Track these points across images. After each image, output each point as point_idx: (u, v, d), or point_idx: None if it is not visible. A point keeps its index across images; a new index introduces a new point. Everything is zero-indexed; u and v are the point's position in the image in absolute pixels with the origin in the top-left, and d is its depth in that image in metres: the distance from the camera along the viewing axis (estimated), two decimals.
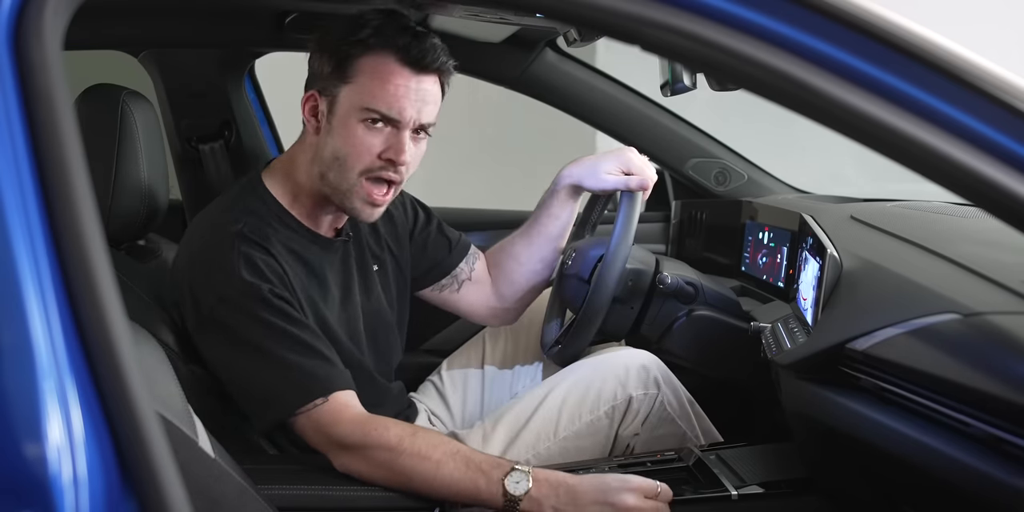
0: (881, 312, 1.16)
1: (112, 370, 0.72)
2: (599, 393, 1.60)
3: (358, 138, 1.42)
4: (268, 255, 1.42)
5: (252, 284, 1.39)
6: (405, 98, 1.41)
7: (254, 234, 1.43)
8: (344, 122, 1.43)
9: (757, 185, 2.29)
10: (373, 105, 1.41)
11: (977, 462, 0.94)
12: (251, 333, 1.39)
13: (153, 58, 2.13)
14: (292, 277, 1.45)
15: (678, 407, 1.63)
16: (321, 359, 1.41)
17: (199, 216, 1.53)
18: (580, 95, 2.22)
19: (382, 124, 1.42)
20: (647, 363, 1.63)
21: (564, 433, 1.60)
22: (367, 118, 1.41)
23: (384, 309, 1.68)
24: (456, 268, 1.80)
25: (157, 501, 0.72)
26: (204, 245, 1.46)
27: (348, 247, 1.60)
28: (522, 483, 1.31)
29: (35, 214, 0.72)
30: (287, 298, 1.42)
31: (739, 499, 1.42)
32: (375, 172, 1.44)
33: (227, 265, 1.40)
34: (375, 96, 1.41)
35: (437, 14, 1.87)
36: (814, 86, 0.79)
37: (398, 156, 1.42)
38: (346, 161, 1.44)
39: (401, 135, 1.43)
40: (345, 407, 1.38)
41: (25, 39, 0.74)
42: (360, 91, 1.41)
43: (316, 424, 1.38)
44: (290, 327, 1.39)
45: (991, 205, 0.83)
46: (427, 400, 1.87)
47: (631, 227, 1.61)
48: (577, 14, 0.82)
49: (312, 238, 1.53)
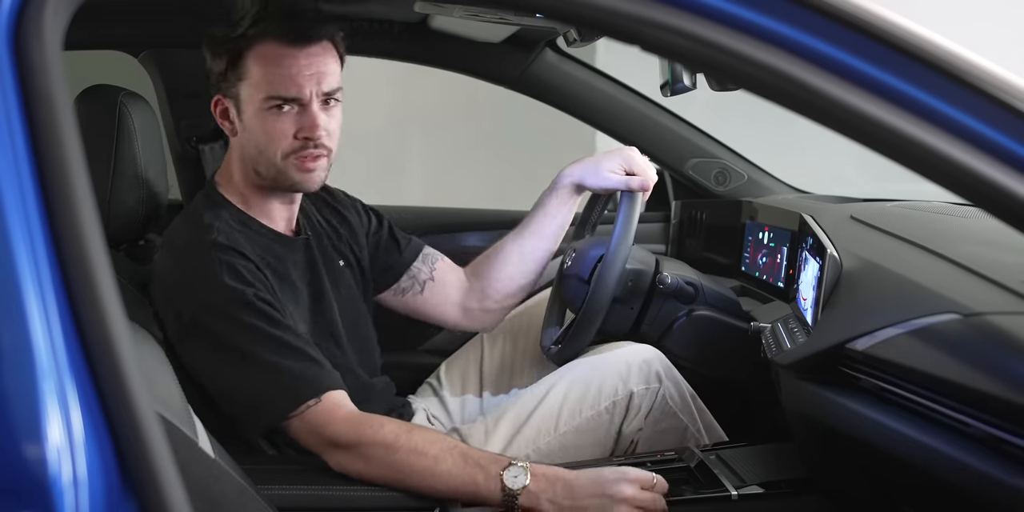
0: (881, 312, 1.16)
1: (112, 370, 0.72)
2: (599, 389, 1.60)
3: (270, 127, 1.44)
4: (247, 260, 1.43)
5: (236, 289, 1.39)
6: (299, 76, 1.42)
7: (229, 241, 1.43)
8: (253, 116, 1.45)
9: (757, 185, 2.29)
10: (272, 92, 1.43)
11: (977, 462, 0.94)
12: (236, 339, 1.38)
13: (153, 58, 2.13)
14: (271, 279, 1.46)
15: (680, 401, 1.63)
16: (309, 361, 1.40)
17: (169, 231, 1.53)
18: (580, 95, 2.22)
19: (288, 106, 1.44)
20: (649, 357, 1.63)
21: (564, 428, 1.60)
22: (271, 106, 1.43)
23: (358, 301, 1.69)
24: (411, 268, 1.79)
25: (157, 501, 0.72)
26: (182, 257, 1.46)
27: (310, 244, 1.61)
28: (520, 477, 1.31)
29: (35, 214, 0.72)
30: (270, 301, 1.42)
31: (739, 499, 1.42)
32: (298, 152, 1.46)
33: (208, 273, 1.40)
34: (271, 83, 1.42)
35: (437, 14, 1.87)
36: (814, 86, 0.79)
37: (312, 132, 1.44)
38: (267, 150, 1.46)
39: (309, 111, 1.44)
40: (337, 406, 1.38)
41: (25, 39, 0.74)
42: (256, 83, 1.43)
43: (309, 426, 1.38)
44: (275, 330, 1.39)
45: (991, 205, 0.83)
46: (426, 402, 1.86)
47: (631, 227, 1.61)
48: (577, 14, 0.82)
49: (274, 237, 1.54)
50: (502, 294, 1.81)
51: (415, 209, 2.39)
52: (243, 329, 1.38)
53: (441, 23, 1.97)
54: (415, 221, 2.13)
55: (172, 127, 2.16)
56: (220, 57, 1.46)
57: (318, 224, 1.67)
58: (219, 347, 1.39)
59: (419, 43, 2.09)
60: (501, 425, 1.62)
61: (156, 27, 1.95)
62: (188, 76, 2.15)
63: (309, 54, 1.44)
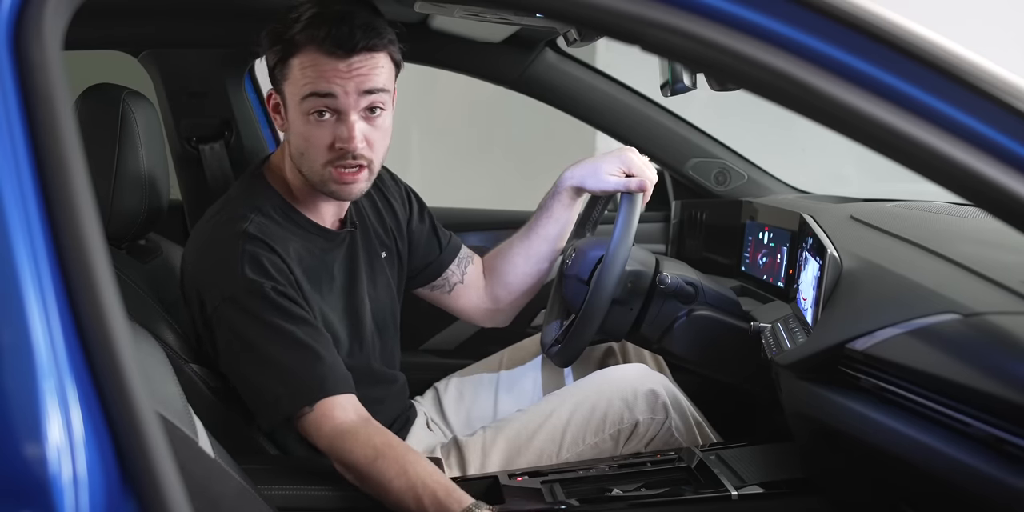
0: (881, 312, 1.16)
1: (112, 370, 0.72)
2: (605, 415, 1.61)
3: (309, 133, 1.43)
4: (273, 253, 1.43)
5: (254, 281, 1.39)
6: (334, 82, 1.39)
7: (260, 232, 1.43)
8: (296, 119, 1.44)
9: (757, 185, 2.29)
10: (306, 91, 1.40)
11: (977, 462, 0.94)
12: (250, 332, 1.39)
13: (153, 58, 2.13)
14: (298, 274, 1.46)
15: (685, 432, 1.64)
16: (316, 360, 1.40)
17: (207, 215, 1.53)
18: (580, 95, 2.22)
19: (328, 115, 1.41)
20: (656, 388, 1.63)
21: (567, 455, 1.61)
22: (310, 111, 1.41)
23: (392, 297, 1.68)
24: (447, 270, 1.80)
25: (157, 501, 0.72)
26: (210, 244, 1.46)
27: (354, 237, 1.60)
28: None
29: (35, 214, 0.72)
30: (291, 295, 1.42)
31: (739, 499, 1.43)
32: (335, 163, 1.44)
33: (232, 263, 1.40)
34: (307, 84, 1.40)
35: (437, 14, 1.87)
36: (814, 86, 0.79)
37: (348, 144, 1.41)
38: (308, 154, 1.45)
39: (347, 121, 1.41)
40: (324, 418, 1.38)
41: (25, 39, 0.74)
42: (296, 84, 1.41)
43: (303, 431, 1.40)
44: (288, 325, 1.39)
45: (991, 205, 0.83)
46: (429, 407, 1.86)
47: (631, 229, 1.61)
48: (577, 14, 0.82)
49: (317, 231, 1.53)
50: (511, 295, 1.83)
51: None
52: (258, 323, 1.39)
53: (441, 23, 1.96)
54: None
55: (172, 127, 2.16)
56: (271, 54, 1.44)
57: (365, 213, 1.65)
58: (237, 339, 1.40)
59: (419, 43, 2.09)
60: (500, 441, 1.62)
61: (156, 27, 1.95)
62: (188, 76, 2.16)
63: (352, 63, 1.39)
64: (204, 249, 1.47)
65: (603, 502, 1.45)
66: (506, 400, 1.86)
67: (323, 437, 1.38)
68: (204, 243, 1.48)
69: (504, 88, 2.22)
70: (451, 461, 1.62)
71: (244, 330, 1.39)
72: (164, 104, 2.15)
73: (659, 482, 1.51)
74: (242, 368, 1.42)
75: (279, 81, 1.45)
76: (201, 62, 2.16)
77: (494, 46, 2.11)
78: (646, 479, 1.52)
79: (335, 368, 1.42)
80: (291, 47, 1.40)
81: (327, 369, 1.41)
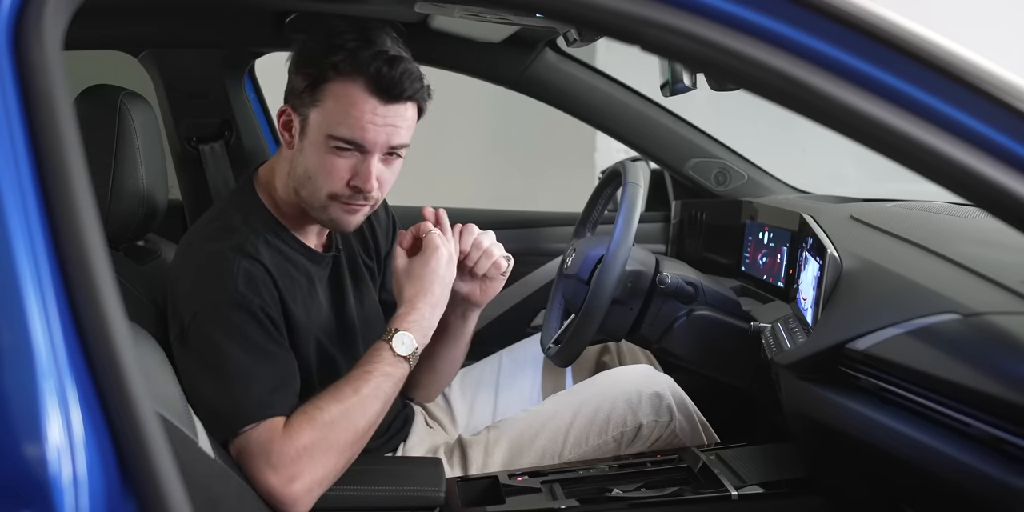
0: (881, 312, 1.16)
1: (112, 370, 0.72)
2: (608, 417, 1.61)
3: (327, 162, 1.40)
4: (266, 272, 1.40)
5: (245, 296, 1.36)
6: (371, 126, 1.37)
7: (253, 249, 1.40)
8: (313, 144, 1.40)
9: (757, 185, 2.29)
10: (338, 132, 1.37)
11: (977, 462, 0.94)
12: (226, 345, 1.34)
13: (153, 58, 2.13)
14: (282, 289, 1.42)
15: (691, 433, 1.63)
16: (267, 379, 1.34)
17: (197, 225, 1.50)
18: (580, 95, 2.22)
19: (350, 150, 1.39)
20: (661, 390, 1.63)
21: (569, 456, 1.60)
22: (335, 145, 1.38)
23: (380, 316, 1.66)
24: None
25: (157, 501, 0.72)
26: (199, 256, 1.43)
27: (339, 261, 1.58)
28: (407, 342, 1.40)
29: (35, 214, 0.72)
30: (272, 316, 1.38)
31: (739, 499, 1.43)
32: (343, 198, 1.42)
33: (224, 277, 1.36)
34: (340, 123, 1.37)
35: (437, 14, 1.87)
36: (814, 86, 0.79)
37: (364, 184, 1.40)
38: (315, 182, 1.42)
39: (368, 162, 1.40)
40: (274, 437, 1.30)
41: (25, 39, 0.74)
42: (327, 117, 1.38)
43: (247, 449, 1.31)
44: (264, 343, 1.36)
45: (991, 205, 0.83)
46: (430, 405, 1.86)
47: (631, 230, 1.61)
48: (577, 14, 0.82)
49: (303, 251, 1.51)
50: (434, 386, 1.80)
51: (414, 209, 2.38)
52: (235, 335, 1.34)
53: (441, 23, 1.96)
54: (413, 220, 2.13)
55: (172, 127, 2.16)
56: (304, 75, 1.40)
57: (350, 236, 1.63)
58: (208, 349, 1.34)
59: (419, 43, 2.09)
60: (502, 441, 1.61)
61: (156, 27, 1.95)
62: (188, 76, 2.16)
63: (390, 110, 1.37)
64: (188, 262, 1.43)
65: (603, 502, 1.45)
66: (506, 400, 1.85)
67: (275, 450, 1.28)
68: (195, 253, 1.44)
69: (504, 88, 2.22)
70: (454, 460, 1.62)
71: (220, 342, 1.34)
72: (164, 104, 2.15)
73: (659, 482, 1.51)
74: (206, 376, 1.34)
75: (306, 104, 1.40)
76: (201, 62, 2.16)
77: (494, 46, 2.11)
78: (646, 479, 1.52)
79: (285, 388, 1.37)
80: (331, 72, 1.36)
81: (275, 390, 1.34)
